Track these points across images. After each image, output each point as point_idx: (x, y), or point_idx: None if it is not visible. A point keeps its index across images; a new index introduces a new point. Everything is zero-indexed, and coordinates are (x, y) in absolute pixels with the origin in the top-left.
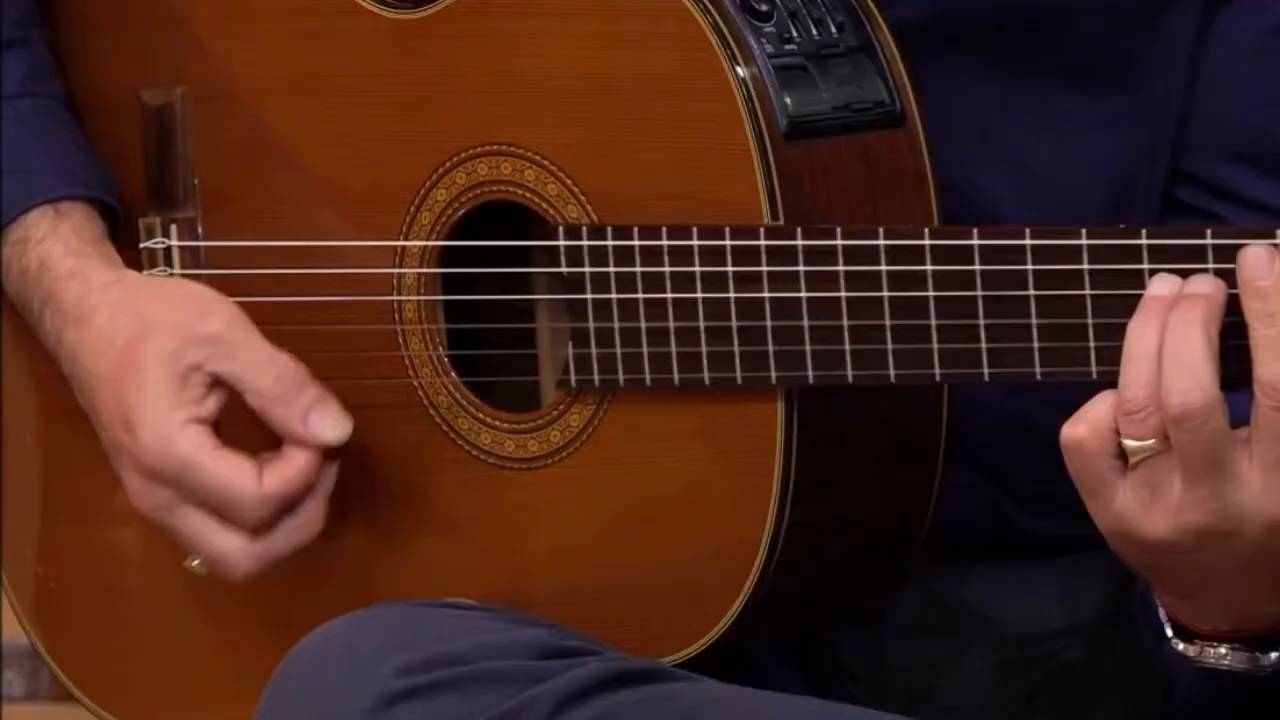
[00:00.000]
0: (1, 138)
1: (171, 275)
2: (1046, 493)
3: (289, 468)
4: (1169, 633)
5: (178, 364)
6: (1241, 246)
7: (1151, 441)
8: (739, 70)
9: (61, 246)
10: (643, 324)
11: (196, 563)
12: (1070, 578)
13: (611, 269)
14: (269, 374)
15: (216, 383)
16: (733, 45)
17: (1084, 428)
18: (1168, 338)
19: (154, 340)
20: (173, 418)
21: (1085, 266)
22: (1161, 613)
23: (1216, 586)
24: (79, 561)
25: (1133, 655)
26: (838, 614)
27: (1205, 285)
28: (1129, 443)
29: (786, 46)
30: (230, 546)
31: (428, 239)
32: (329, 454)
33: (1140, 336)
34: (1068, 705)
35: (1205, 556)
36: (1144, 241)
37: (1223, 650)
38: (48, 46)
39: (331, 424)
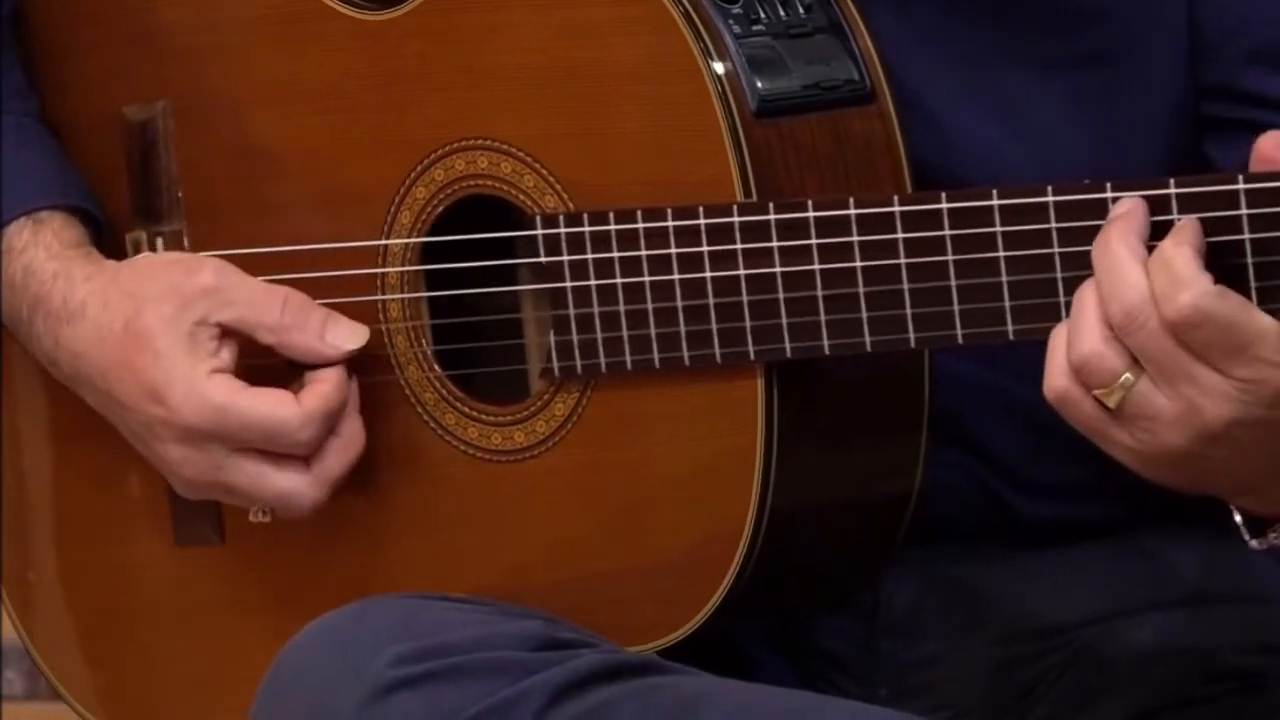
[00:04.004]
0: None
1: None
2: (1038, 475)
3: (323, 384)
4: (1246, 535)
5: (182, 323)
6: (1205, 193)
7: (1121, 378)
8: (708, 52)
9: (44, 252)
10: (621, 307)
11: (260, 514)
12: (1069, 570)
13: (589, 256)
14: (274, 307)
15: (224, 333)
16: (700, 27)
17: (1061, 380)
18: (1097, 267)
19: (151, 309)
20: (197, 372)
21: (1053, 225)
22: (1237, 516)
23: (1264, 469)
24: (78, 577)
25: (1131, 650)
26: (828, 596)
27: (1121, 205)
28: (1100, 393)
29: (754, 27)
30: (290, 482)
31: (409, 237)
32: (349, 371)
33: (1077, 298)
34: (1064, 702)
35: (1237, 449)
36: (1109, 195)
37: None
38: (19, 68)
39: (348, 333)
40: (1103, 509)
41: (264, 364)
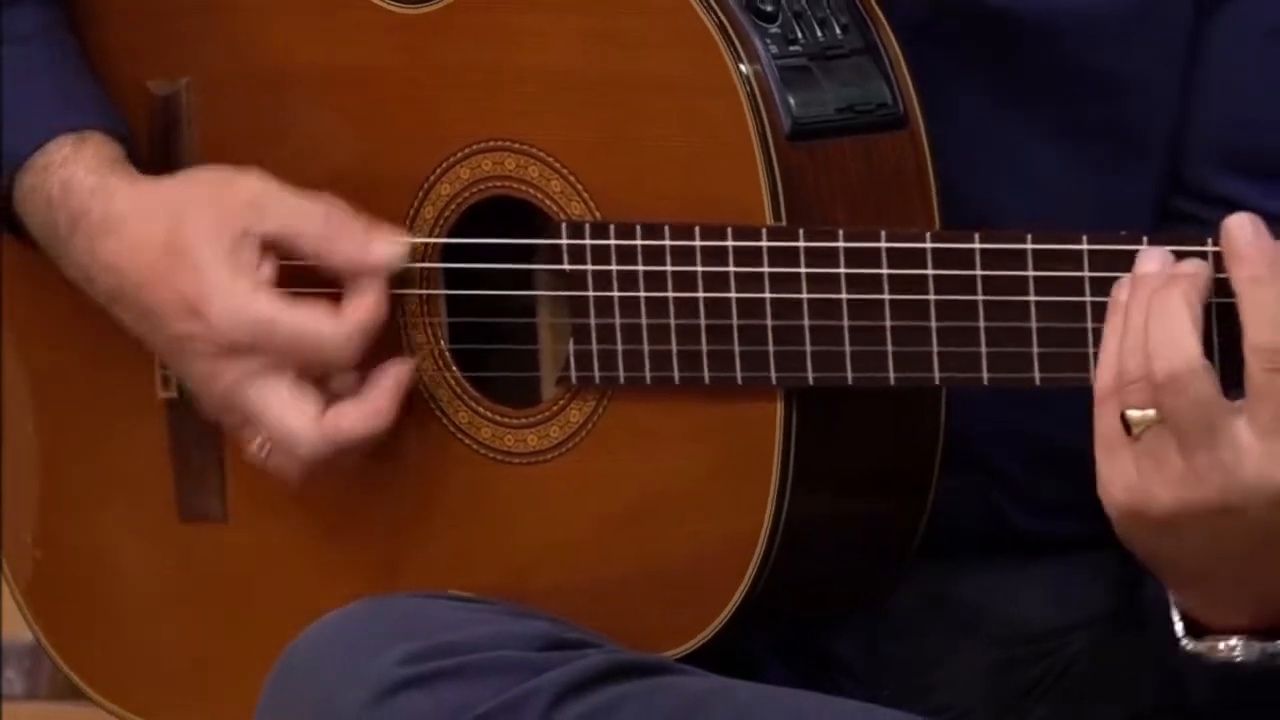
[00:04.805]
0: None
1: None
2: (1039, 493)
3: (365, 298)
4: (1180, 632)
5: (224, 236)
6: None
7: (1151, 412)
8: (743, 70)
9: (83, 168)
10: (644, 321)
11: (260, 447)
12: (1066, 576)
13: (614, 267)
14: (317, 216)
15: (266, 246)
16: (738, 45)
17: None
18: (1152, 310)
19: (192, 222)
20: (239, 285)
21: (1086, 274)
22: (1174, 612)
23: (1228, 570)
24: (82, 554)
25: (1128, 653)
26: (834, 610)
27: (1189, 266)
28: (1130, 413)
29: (791, 47)
30: (298, 418)
31: (431, 233)
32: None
33: (1134, 310)
34: (1063, 702)
35: (1213, 536)
36: (1144, 249)
37: (1234, 643)
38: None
39: (388, 248)
40: (1104, 526)
41: (300, 291)
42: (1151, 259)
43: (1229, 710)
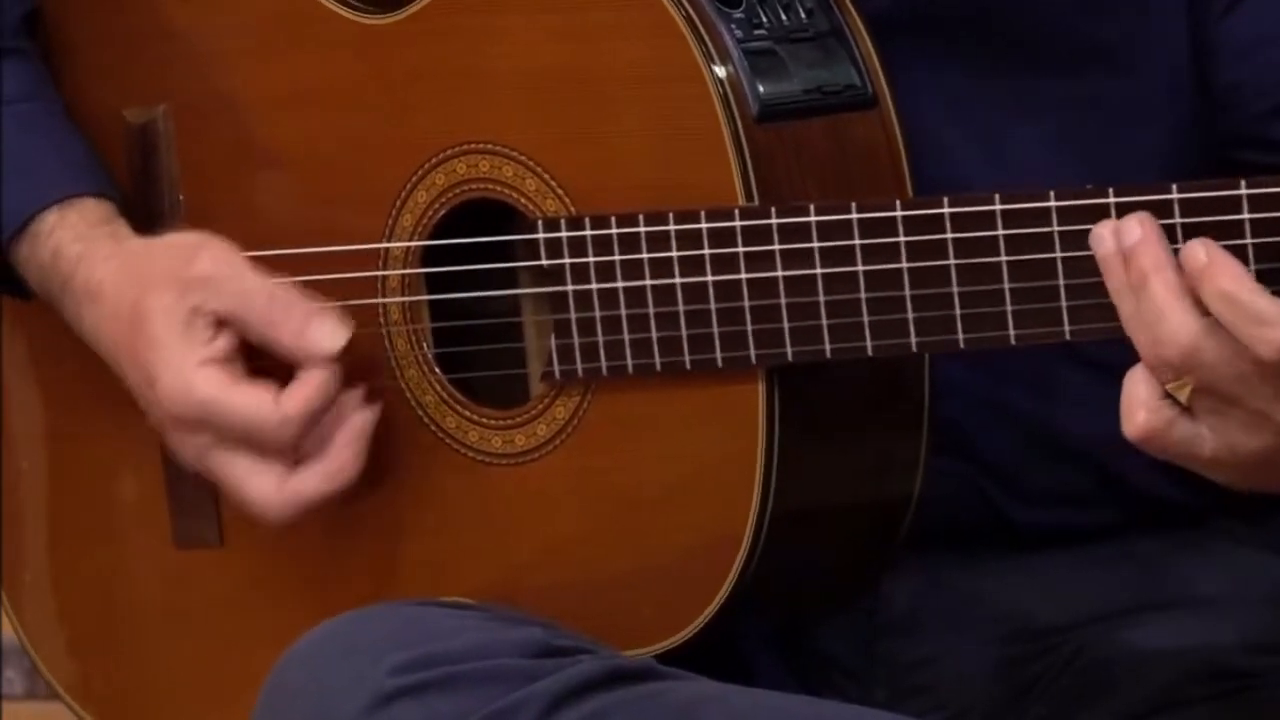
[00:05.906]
0: (2, 140)
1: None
2: (1036, 483)
3: (303, 386)
4: None
5: (179, 311)
6: (1208, 198)
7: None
8: (710, 56)
9: (70, 233)
10: (623, 311)
11: None
12: (1065, 573)
13: (591, 259)
14: (258, 301)
15: (221, 322)
16: (703, 31)
17: (1141, 414)
18: (1138, 301)
19: (153, 295)
20: (186, 362)
21: (1055, 229)
22: None
23: None
24: (78, 579)
25: (1129, 651)
26: (826, 601)
27: (1134, 231)
28: (1171, 386)
29: (756, 31)
30: (259, 488)
31: (410, 240)
32: (366, 403)
33: (1121, 303)
34: (1062, 702)
35: None
36: (1111, 200)
37: None
38: (42, 60)
39: (327, 334)
40: (1100, 516)
41: (268, 358)
42: (1102, 242)
43: None
